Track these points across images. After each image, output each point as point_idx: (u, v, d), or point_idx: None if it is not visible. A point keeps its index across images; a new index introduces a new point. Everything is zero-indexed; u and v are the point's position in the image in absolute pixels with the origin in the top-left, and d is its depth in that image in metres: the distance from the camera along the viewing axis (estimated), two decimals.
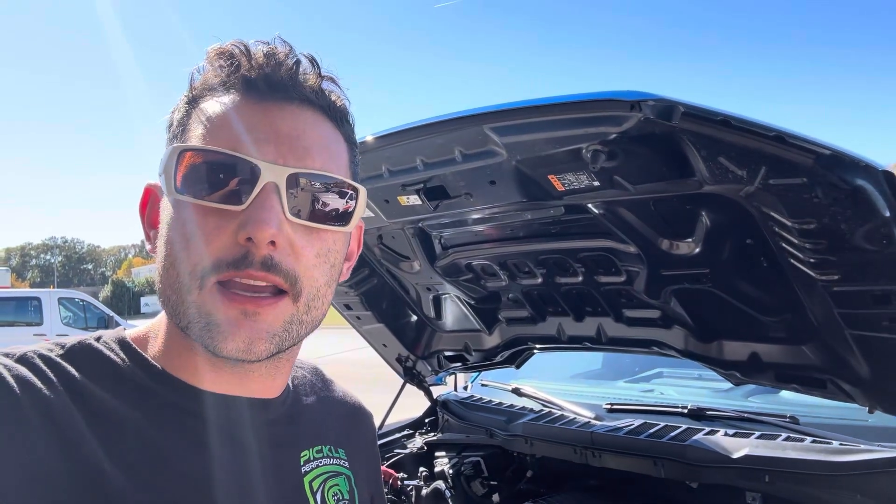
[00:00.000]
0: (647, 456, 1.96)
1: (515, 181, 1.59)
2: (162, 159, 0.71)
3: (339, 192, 0.73)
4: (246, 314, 0.67)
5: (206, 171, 0.68)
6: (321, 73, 0.75)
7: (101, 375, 0.70)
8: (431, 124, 1.53)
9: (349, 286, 2.38)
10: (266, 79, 0.72)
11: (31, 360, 0.67)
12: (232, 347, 0.67)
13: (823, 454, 1.72)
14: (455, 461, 2.44)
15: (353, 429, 0.97)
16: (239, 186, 0.67)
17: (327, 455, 0.87)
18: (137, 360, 0.73)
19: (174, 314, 0.70)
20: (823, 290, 1.44)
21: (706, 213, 1.54)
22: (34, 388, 0.64)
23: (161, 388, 0.71)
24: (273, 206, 0.67)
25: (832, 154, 1.16)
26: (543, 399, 2.53)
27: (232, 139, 0.69)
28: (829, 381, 1.69)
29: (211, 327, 0.67)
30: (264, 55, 0.72)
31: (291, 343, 0.72)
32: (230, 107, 0.71)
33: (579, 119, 1.33)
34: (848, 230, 1.26)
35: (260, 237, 0.65)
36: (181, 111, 0.75)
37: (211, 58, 0.73)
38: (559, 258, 1.93)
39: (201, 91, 0.74)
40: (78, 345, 0.72)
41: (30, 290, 19.87)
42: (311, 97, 0.74)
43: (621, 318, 2.04)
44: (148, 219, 0.77)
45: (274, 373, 0.78)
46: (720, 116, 1.18)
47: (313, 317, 0.74)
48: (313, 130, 0.73)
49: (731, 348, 1.86)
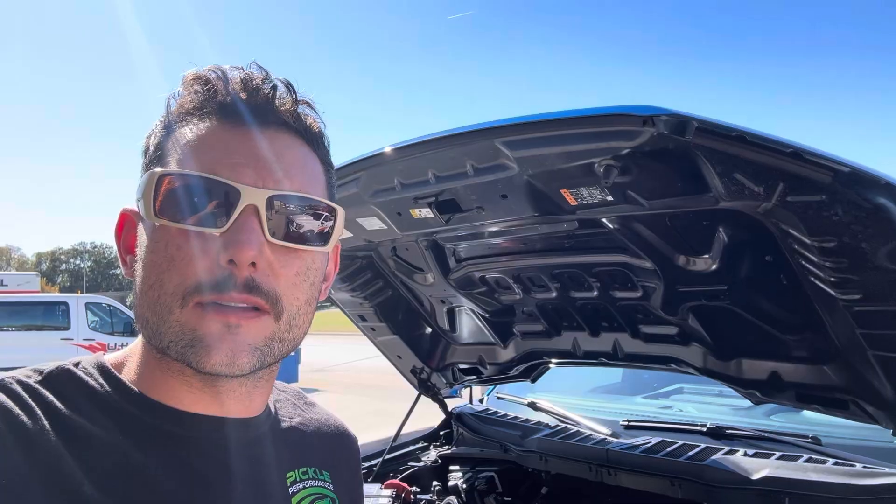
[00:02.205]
0: (663, 475, 1.92)
1: (527, 195, 1.57)
2: (140, 184, 0.71)
3: (318, 213, 0.74)
4: (229, 327, 0.67)
5: (186, 195, 0.68)
6: (297, 97, 0.76)
7: (80, 400, 0.69)
8: (443, 138, 1.52)
9: (364, 297, 2.38)
10: (243, 103, 0.72)
11: (8, 386, 0.67)
12: (216, 361, 0.67)
13: (846, 477, 1.67)
14: (469, 476, 2.42)
15: (337, 452, 0.96)
16: (218, 209, 0.68)
17: (312, 477, 0.87)
18: (115, 385, 0.73)
19: (153, 335, 0.69)
20: (845, 309, 1.40)
21: (723, 229, 1.50)
22: (11, 413, 0.64)
23: (139, 412, 0.71)
24: (253, 228, 0.67)
25: (851, 171, 1.12)
26: (559, 414, 2.50)
27: (211, 163, 0.69)
28: (852, 402, 1.64)
29: (195, 342, 0.67)
30: (241, 80, 0.73)
31: (273, 360, 0.73)
32: (207, 131, 0.72)
33: (591, 134, 1.31)
34: (869, 249, 1.22)
35: (241, 259, 0.66)
36: (157, 136, 0.75)
37: (187, 83, 0.74)
38: (574, 272, 1.91)
39: (178, 116, 0.74)
40: (56, 370, 0.72)
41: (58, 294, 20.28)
42: (287, 121, 0.75)
43: (638, 334, 2.01)
44: (124, 244, 0.77)
45: (252, 392, 0.78)
46: (735, 132, 1.15)
47: (294, 335, 0.74)
48: (290, 153, 0.74)
49: (750, 367, 1.82)
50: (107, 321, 14.16)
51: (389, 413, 2.66)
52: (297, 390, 1.01)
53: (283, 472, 0.83)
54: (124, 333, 13.73)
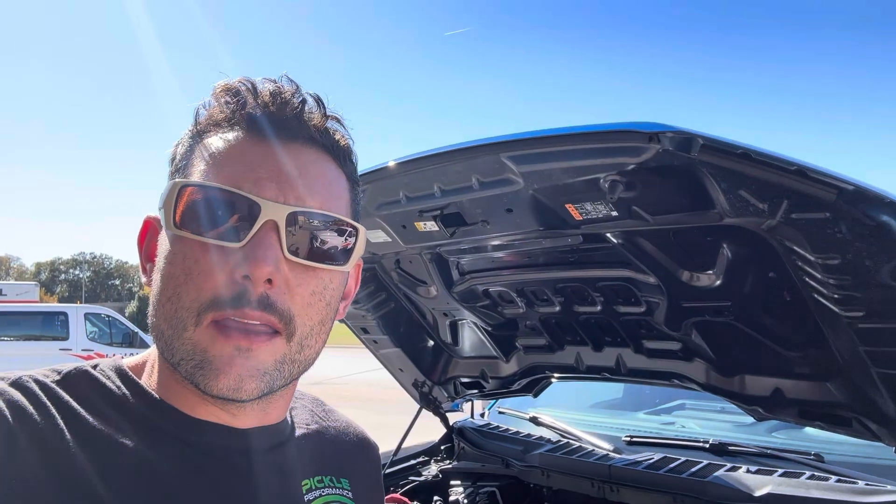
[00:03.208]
0: (666, 492, 1.92)
1: (532, 210, 1.59)
2: (162, 193, 0.71)
3: (339, 230, 0.73)
4: (239, 350, 0.66)
5: (206, 207, 0.68)
6: (326, 112, 0.76)
7: (97, 402, 0.69)
8: (449, 152, 1.53)
9: (367, 310, 2.38)
10: (271, 117, 0.72)
11: (25, 385, 0.67)
12: (223, 385, 0.66)
13: (848, 494, 1.67)
14: (470, 491, 2.41)
15: (357, 459, 0.95)
16: (238, 223, 0.67)
17: (329, 485, 0.86)
18: (133, 389, 0.73)
19: (166, 349, 0.69)
20: (848, 326, 1.40)
21: (727, 245, 1.51)
22: (26, 412, 0.64)
23: (157, 417, 0.71)
24: (272, 244, 0.67)
25: (855, 189, 1.13)
26: (561, 429, 2.50)
27: (234, 176, 0.69)
28: (855, 420, 1.64)
29: (203, 365, 0.66)
30: (270, 93, 0.72)
31: (283, 383, 0.72)
32: (233, 143, 0.71)
33: (597, 149, 1.33)
34: (873, 266, 1.23)
35: (257, 275, 0.65)
36: (185, 145, 0.75)
37: (217, 94, 0.74)
38: (577, 287, 1.91)
39: (206, 126, 0.74)
40: (75, 371, 0.72)
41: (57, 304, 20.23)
42: (315, 136, 0.74)
43: (641, 349, 2.01)
44: (146, 251, 0.77)
45: (267, 407, 0.77)
46: (740, 149, 1.17)
47: (306, 356, 0.73)
48: (316, 169, 0.73)
49: (753, 383, 1.82)
50: (105, 332, 14.12)
51: (390, 426, 2.65)
52: (314, 397, 1.00)
53: (298, 480, 0.82)
54: (123, 344, 13.70)
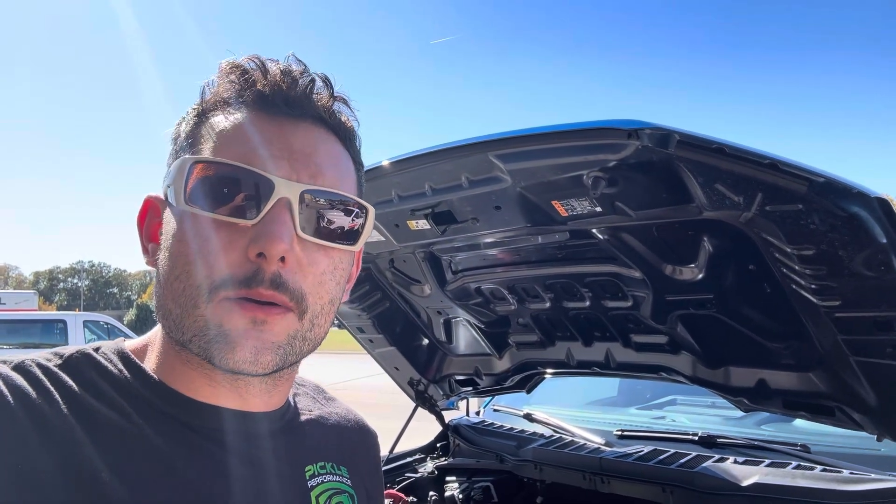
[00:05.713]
0: (655, 482, 1.95)
1: (520, 206, 1.63)
2: (170, 171, 0.71)
3: (349, 210, 0.73)
4: (255, 322, 0.66)
5: (219, 183, 0.67)
6: (334, 93, 0.76)
7: (99, 385, 0.69)
8: (439, 151, 1.58)
9: (362, 309, 2.42)
10: (281, 95, 0.71)
11: (27, 369, 0.67)
12: (239, 358, 0.66)
13: (833, 483, 1.71)
14: (465, 486, 2.44)
15: (357, 447, 0.94)
16: (250, 201, 0.67)
17: (330, 472, 0.85)
18: (135, 371, 0.72)
19: (174, 328, 0.68)
20: (826, 316, 1.44)
21: (708, 238, 1.56)
22: (28, 396, 0.64)
23: (158, 399, 0.71)
24: (286, 222, 0.66)
25: (825, 181, 1.18)
26: (554, 425, 2.54)
27: (246, 153, 0.68)
28: (838, 409, 1.68)
29: (219, 338, 0.66)
30: (281, 72, 0.72)
31: (294, 359, 0.72)
32: (244, 121, 0.70)
33: (579, 147, 1.37)
34: (846, 256, 1.27)
35: (272, 252, 0.65)
36: (190, 123, 0.74)
37: (224, 71, 0.73)
38: (566, 283, 1.96)
39: (213, 104, 0.73)
40: (77, 354, 0.71)
41: (56, 312, 20.20)
42: (323, 116, 0.74)
43: (629, 343, 2.05)
44: (147, 231, 0.76)
45: (272, 389, 0.77)
46: (715, 144, 1.21)
47: (316, 334, 0.73)
48: (325, 148, 0.73)
49: (738, 374, 1.86)
50: (104, 339, 14.08)
51: (389, 431, 2.68)
52: (316, 384, 0.99)
53: (301, 465, 0.82)
54: None
